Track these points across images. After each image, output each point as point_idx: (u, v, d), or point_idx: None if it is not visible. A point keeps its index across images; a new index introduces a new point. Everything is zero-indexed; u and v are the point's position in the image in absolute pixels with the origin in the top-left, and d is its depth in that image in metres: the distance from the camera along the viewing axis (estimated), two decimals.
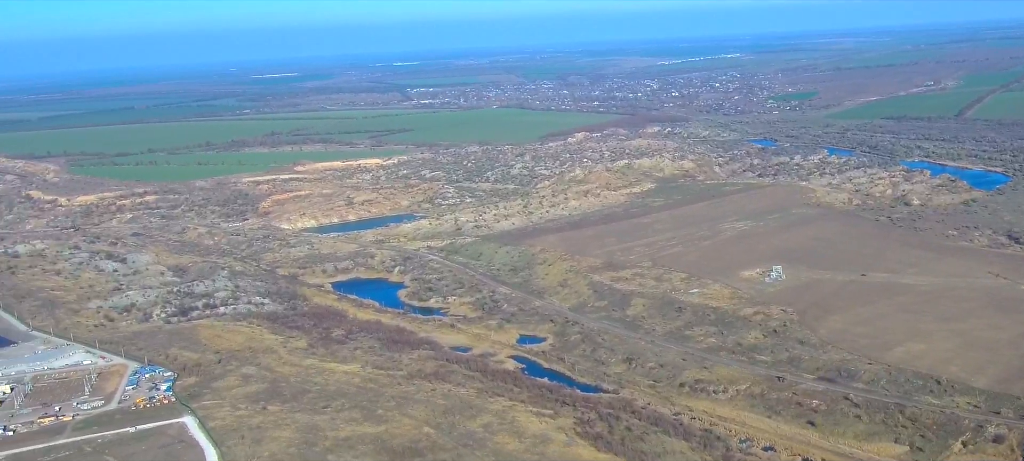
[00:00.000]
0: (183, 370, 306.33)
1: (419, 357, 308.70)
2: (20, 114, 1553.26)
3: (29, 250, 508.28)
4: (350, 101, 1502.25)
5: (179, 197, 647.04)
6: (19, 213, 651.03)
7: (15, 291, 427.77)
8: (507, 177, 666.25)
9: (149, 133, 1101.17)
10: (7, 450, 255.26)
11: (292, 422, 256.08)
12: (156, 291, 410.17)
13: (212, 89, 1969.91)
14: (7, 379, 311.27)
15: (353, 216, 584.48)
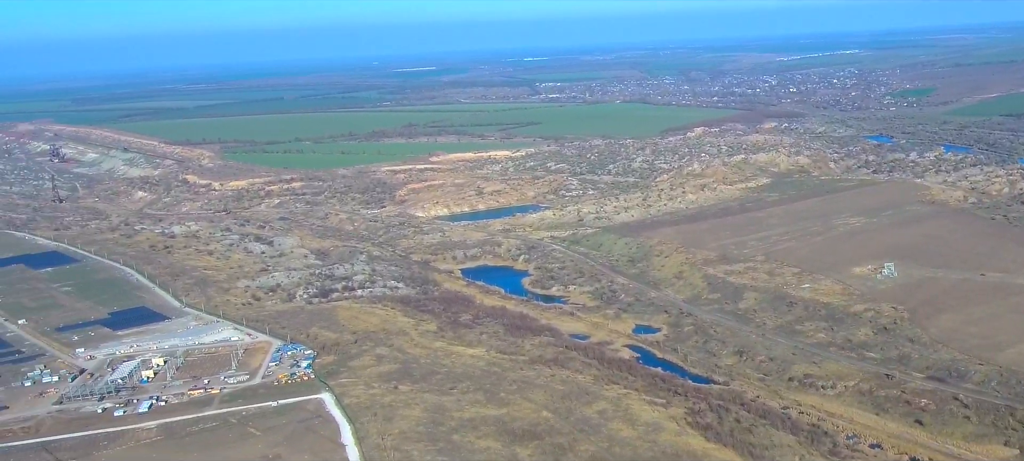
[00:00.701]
0: (322, 349, 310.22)
1: (540, 343, 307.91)
2: (178, 103, 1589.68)
3: (184, 231, 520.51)
4: (483, 95, 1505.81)
5: (323, 184, 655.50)
6: (176, 196, 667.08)
7: (171, 269, 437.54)
8: (628, 170, 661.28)
9: (297, 123, 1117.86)
10: (160, 419, 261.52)
11: (421, 402, 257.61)
12: (299, 273, 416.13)
13: (356, 82, 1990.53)
14: (161, 352, 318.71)
15: (482, 205, 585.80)
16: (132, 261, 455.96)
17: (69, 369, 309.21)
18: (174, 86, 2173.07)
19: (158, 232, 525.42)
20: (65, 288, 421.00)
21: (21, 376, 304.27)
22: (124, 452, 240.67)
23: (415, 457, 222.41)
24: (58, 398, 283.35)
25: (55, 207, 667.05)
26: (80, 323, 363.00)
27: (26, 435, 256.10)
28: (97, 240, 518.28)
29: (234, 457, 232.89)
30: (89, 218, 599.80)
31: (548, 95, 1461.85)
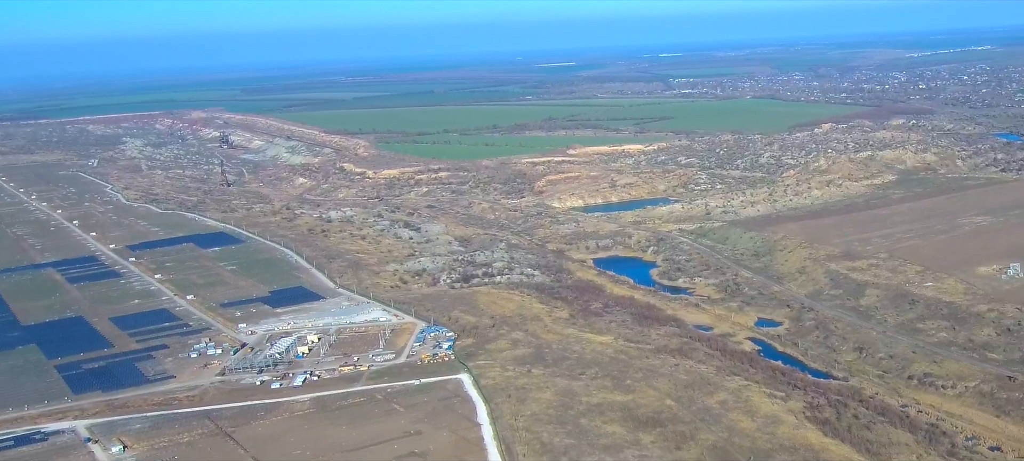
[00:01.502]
0: (462, 331, 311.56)
1: (666, 333, 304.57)
2: (338, 94, 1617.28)
3: (340, 216, 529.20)
4: (619, 90, 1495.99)
5: (468, 174, 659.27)
6: (334, 183, 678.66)
7: (327, 252, 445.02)
8: (755, 165, 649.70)
9: (446, 115, 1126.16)
10: (312, 393, 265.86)
11: (552, 385, 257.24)
12: (444, 258, 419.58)
13: (501, 76, 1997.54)
14: (316, 330, 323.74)
15: (615, 198, 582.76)
16: (292, 243, 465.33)
17: (232, 343, 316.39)
18: (335, 78, 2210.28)
19: (316, 217, 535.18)
20: (230, 267, 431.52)
21: (188, 348, 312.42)
22: (279, 422, 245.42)
23: (545, 439, 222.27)
24: (221, 370, 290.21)
25: (223, 191, 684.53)
26: (243, 300, 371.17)
27: (191, 403, 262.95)
28: (260, 223, 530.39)
29: (379, 431, 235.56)
30: (254, 202, 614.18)
31: (681, 90, 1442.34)
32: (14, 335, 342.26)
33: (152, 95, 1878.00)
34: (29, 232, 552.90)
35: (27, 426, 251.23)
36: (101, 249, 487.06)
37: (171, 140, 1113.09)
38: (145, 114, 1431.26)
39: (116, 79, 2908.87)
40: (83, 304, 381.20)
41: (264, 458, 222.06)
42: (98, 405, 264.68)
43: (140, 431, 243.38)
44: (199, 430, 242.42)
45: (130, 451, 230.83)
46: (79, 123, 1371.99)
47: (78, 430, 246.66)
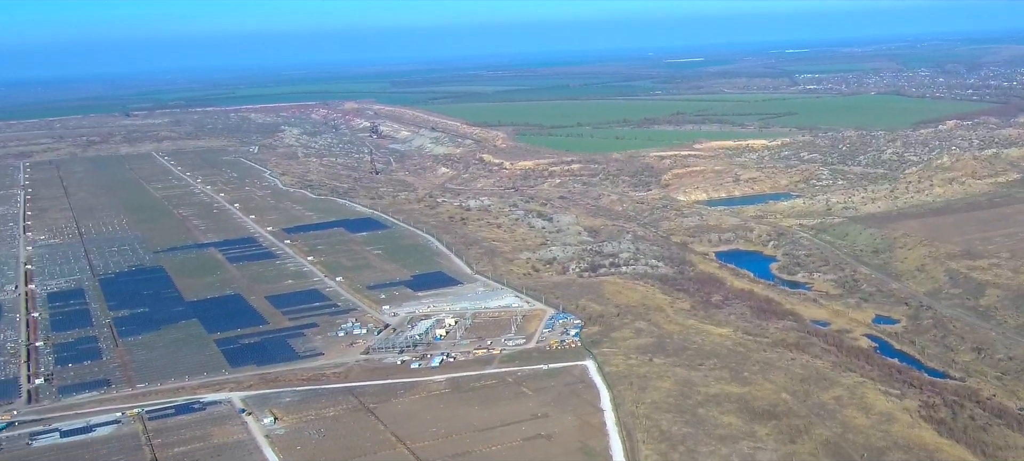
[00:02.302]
0: (589, 319, 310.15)
1: (783, 327, 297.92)
2: (480, 88, 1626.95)
3: (478, 205, 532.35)
4: (745, 85, 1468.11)
5: (598, 167, 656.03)
6: (473, 173, 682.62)
7: (465, 239, 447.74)
8: (877, 162, 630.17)
9: (579, 109, 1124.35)
10: (448, 373, 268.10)
11: (672, 375, 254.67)
12: (573, 248, 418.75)
13: (632, 71, 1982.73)
14: (453, 313, 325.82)
15: (738, 192, 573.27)
16: (433, 230, 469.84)
17: (376, 323, 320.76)
18: (477, 72, 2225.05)
19: (456, 205, 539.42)
20: (376, 251, 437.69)
21: (336, 327, 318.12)
22: (417, 401, 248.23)
23: (664, 427, 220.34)
24: (365, 349, 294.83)
25: (372, 178, 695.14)
26: (387, 283, 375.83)
27: (337, 379, 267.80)
28: (405, 209, 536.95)
29: (509, 412, 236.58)
30: (399, 189, 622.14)
31: (806, 86, 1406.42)
32: (178, 310, 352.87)
33: (309, 86, 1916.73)
34: (194, 213, 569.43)
35: (187, 396, 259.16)
36: (259, 231, 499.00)
37: (325, 129, 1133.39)
38: (302, 104, 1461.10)
39: (277, 70, 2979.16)
40: (241, 282, 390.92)
41: (402, 434, 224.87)
42: (252, 378, 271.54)
43: (290, 404, 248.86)
44: (344, 405, 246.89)
45: (280, 423, 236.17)
46: (242, 111, 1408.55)
47: (233, 401, 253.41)
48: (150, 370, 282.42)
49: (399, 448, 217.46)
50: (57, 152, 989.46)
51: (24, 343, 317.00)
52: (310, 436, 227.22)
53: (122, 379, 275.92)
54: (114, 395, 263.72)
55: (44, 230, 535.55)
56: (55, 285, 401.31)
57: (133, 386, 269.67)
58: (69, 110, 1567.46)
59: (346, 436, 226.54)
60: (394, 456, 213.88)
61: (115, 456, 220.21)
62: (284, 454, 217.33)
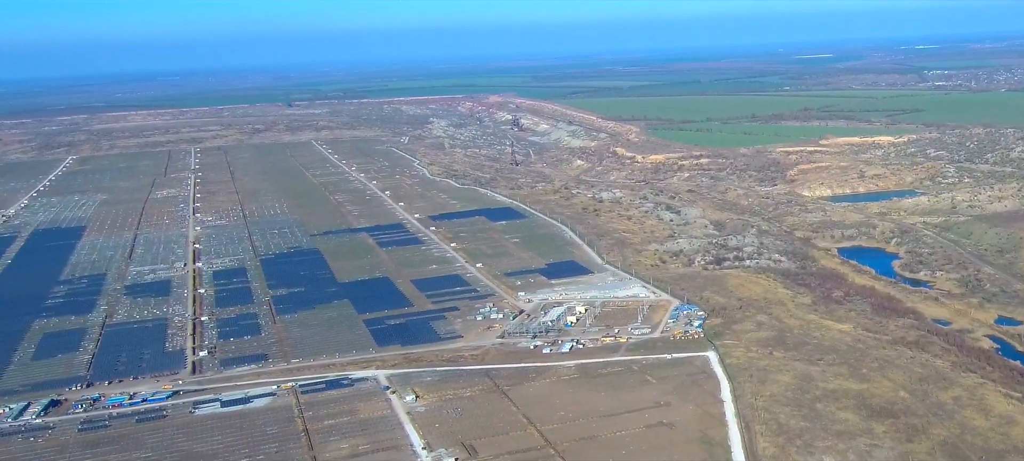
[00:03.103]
0: (712, 311, 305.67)
1: (903, 325, 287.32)
2: (615, 83, 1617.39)
3: (610, 197, 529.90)
4: (873, 81, 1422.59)
5: (725, 161, 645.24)
6: (607, 166, 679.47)
7: (597, 230, 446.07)
8: (1006, 160, 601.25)
9: (709, 104, 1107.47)
10: (577, 359, 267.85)
11: (791, 369, 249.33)
12: (699, 241, 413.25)
13: (762, 67, 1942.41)
14: (583, 301, 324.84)
15: (863, 188, 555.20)
16: (567, 220, 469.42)
17: (511, 309, 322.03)
18: (613, 68, 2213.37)
19: (590, 196, 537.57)
20: (514, 239, 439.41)
21: (475, 311, 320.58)
22: (547, 385, 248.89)
23: (781, 420, 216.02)
24: (501, 333, 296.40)
25: (512, 169, 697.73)
26: (523, 270, 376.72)
27: (474, 361, 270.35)
28: (542, 200, 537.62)
29: (633, 399, 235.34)
30: (537, 181, 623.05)
31: (934, 83, 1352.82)
32: (331, 290, 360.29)
33: (457, 80, 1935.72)
34: (348, 199, 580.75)
35: (337, 372, 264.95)
36: (407, 218, 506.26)
37: (471, 121, 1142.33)
38: (449, 97, 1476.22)
39: (428, 64, 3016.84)
40: (390, 266, 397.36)
41: (533, 416, 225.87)
42: (397, 358, 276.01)
43: (430, 383, 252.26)
44: (480, 386, 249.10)
45: (421, 401, 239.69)
46: (394, 103, 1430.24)
47: (379, 379, 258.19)
48: (304, 346, 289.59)
49: (529, 430, 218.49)
50: (225, 138, 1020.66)
51: (190, 317, 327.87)
52: (448, 414, 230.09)
53: (278, 354, 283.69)
54: (270, 369, 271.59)
55: (211, 212, 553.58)
56: (220, 264, 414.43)
57: (288, 361, 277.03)
58: (237, 99, 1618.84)
59: (481, 416, 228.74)
60: (525, 437, 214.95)
61: (270, 426, 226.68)
62: (424, 431, 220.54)
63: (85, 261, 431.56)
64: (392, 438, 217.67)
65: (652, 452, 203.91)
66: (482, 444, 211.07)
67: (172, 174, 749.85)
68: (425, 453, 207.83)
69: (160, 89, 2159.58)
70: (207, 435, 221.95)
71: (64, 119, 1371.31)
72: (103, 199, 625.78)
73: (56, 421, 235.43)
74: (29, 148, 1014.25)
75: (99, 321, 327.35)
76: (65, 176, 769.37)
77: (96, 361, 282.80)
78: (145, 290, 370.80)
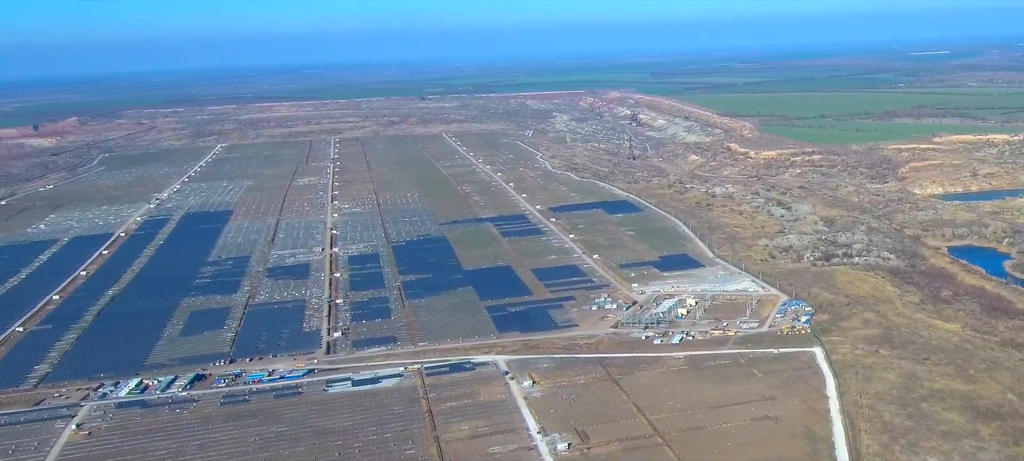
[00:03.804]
0: (819, 307, 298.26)
1: (1014, 326, 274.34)
2: (731, 79, 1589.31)
3: (723, 192, 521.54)
4: (990, 78, 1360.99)
5: (837, 158, 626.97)
6: (720, 161, 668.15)
7: (709, 224, 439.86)
8: None
9: (823, 101, 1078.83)
10: (686, 351, 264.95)
11: (897, 367, 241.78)
12: (809, 237, 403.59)
13: (876, 64, 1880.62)
14: (694, 294, 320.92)
15: (975, 187, 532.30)
16: (681, 214, 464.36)
17: (625, 300, 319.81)
18: (729, 64, 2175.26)
19: (703, 191, 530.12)
20: (629, 232, 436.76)
21: (590, 301, 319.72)
22: (657, 375, 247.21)
23: (886, 418, 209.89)
24: (614, 323, 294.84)
25: (629, 163, 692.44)
26: (637, 262, 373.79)
27: (588, 350, 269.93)
28: (657, 194, 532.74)
29: (739, 392, 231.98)
30: (653, 175, 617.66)
31: None
32: (456, 277, 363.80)
33: (579, 75, 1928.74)
34: (474, 190, 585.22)
35: (460, 356, 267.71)
36: (529, 209, 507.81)
37: (591, 116, 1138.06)
38: (572, 92, 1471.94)
39: (551, 60, 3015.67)
40: (511, 255, 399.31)
41: (642, 405, 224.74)
42: (516, 344, 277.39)
43: (546, 370, 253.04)
44: (593, 374, 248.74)
45: (537, 386, 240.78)
46: (520, 98, 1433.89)
47: (499, 364, 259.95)
48: (430, 330, 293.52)
49: (639, 418, 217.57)
50: (362, 130, 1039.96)
51: (326, 300, 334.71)
52: (562, 400, 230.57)
53: (406, 337, 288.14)
54: (399, 351, 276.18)
55: (348, 199, 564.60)
56: (355, 249, 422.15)
57: (415, 344, 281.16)
58: (374, 92, 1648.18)
59: (593, 403, 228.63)
60: (634, 425, 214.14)
61: (396, 406, 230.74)
62: (539, 415, 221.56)
63: (231, 244, 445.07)
64: (509, 421, 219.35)
65: (756, 445, 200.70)
66: (593, 430, 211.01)
67: (313, 163, 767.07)
68: (540, 437, 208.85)
69: (303, 82, 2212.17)
70: (338, 412, 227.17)
71: (215, 109, 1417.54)
72: (249, 185, 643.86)
73: (200, 394, 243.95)
74: (182, 136, 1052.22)
75: (242, 301, 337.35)
76: (214, 163, 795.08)
77: (238, 339, 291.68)
78: (285, 273, 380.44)
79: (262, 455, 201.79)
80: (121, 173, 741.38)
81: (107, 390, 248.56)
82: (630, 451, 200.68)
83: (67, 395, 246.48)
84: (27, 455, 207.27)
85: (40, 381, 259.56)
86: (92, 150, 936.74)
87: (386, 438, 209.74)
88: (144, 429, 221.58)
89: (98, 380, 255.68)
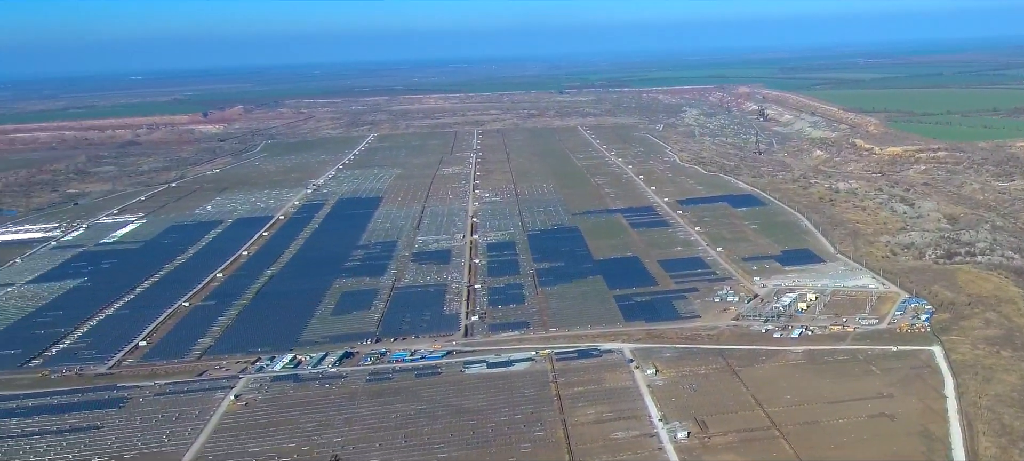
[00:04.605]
0: (939, 306, 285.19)
1: None
2: (858, 75, 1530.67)
3: (846, 188, 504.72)
4: None
5: (963, 155, 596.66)
6: (844, 157, 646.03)
7: (831, 220, 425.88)
8: None
9: (949, 97, 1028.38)
10: (805, 346, 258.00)
11: (1018, 370, 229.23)
12: (931, 235, 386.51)
13: (1006, 60, 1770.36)
14: (814, 289, 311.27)
15: None
16: (804, 209, 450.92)
17: (746, 292, 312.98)
18: (855, 60, 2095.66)
19: (826, 187, 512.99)
20: (753, 226, 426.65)
21: (713, 293, 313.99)
22: (775, 368, 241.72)
23: (1005, 421, 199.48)
24: (736, 315, 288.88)
25: (755, 158, 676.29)
26: (759, 256, 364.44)
27: (709, 341, 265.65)
28: (781, 189, 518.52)
29: (856, 388, 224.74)
30: (778, 170, 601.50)
31: None
32: (587, 266, 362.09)
33: (709, 71, 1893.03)
34: (606, 182, 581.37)
35: (588, 343, 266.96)
36: (657, 201, 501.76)
37: (720, 111, 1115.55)
38: (701, 87, 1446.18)
39: (683, 55, 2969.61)
40: (639, 246, 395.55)
41: (761, 398, 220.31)
42: (641, 333, 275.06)
43: (669, 359, 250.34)
44: (713, 365, 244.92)
45: (660, 375, 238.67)
46: (652, 93, 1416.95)
47: (624, 351, 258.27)
48: (560, 317, 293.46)
49: (756, 411, 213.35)
50: (503, 122, 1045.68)
51: (466, 285, 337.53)
52: (684, 389, 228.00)
53: (538, 323, 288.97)
54: (531, 336, 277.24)
55: (488, 189, 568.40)
56: (493, 237, 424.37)
57: (547, 329, 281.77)
58: (515, 86, 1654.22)
59: (713, 393, 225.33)
60: (752, 417, 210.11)
61: (527, 388, 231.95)
62: (661, 403, 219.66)
63: (380, 229, 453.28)
64: (632, 408, 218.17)
65: (873, 442, 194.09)
66: (712, 420, 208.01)
67: (457, 153, 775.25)
68: (661, 424, 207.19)
69: (449, 75, 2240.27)
70: (474, 393, 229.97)
71: (368, 100, 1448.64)
72: (398, 173, 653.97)
73: (348, 371, 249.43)
74: (338, 125, 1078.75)
75: (389, 284, 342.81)
76: (366, 151, 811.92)
77: (384, 319, 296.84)
78: (429, 258, 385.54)
79: (402, 431, 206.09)
80: (281, 159, 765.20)
81: (263, 364, 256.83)
82: (747, 442, 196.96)
83: (227, 368, 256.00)
84: (190, 422, 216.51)
85: (203, 353, 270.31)
86: (255, 137, 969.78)
87: (517, 419, 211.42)
88: (296, 402, 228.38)
89: (255, 354, 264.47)
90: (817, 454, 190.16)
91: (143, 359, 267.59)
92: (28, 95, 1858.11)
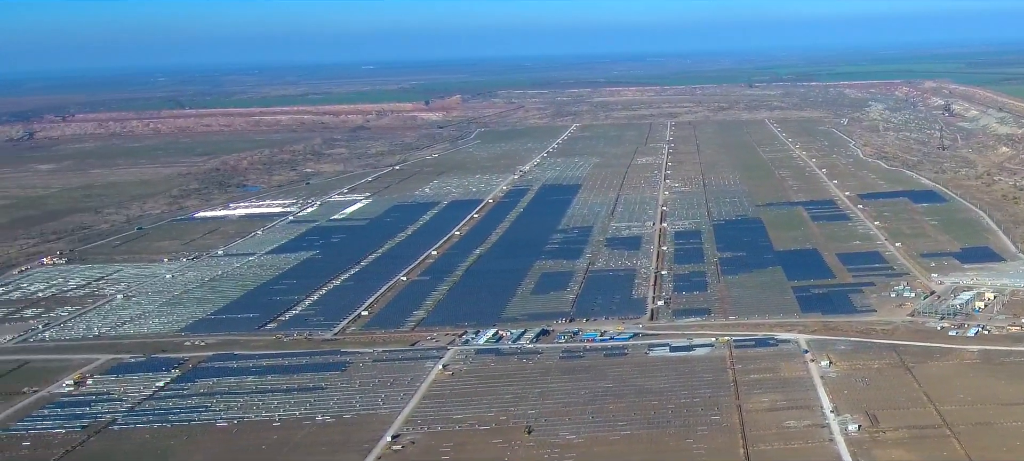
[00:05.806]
0: None
1: None
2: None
3: None
4: None
5: None
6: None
7: (1015, 218, 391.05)
8: None
9: None
10: (981, 345, 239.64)
11: None
12: None
13: None
14: (993, 288, 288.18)
15: None
16: (986, 207, 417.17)
17: (923, 289, 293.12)
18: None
19: (1011, 184, 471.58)
20: (933, 222, 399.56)
21: (889, 288, 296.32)
22: (949, 366, 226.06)
23: None
24: (911, 311, 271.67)
25: (938, 154, 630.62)
26: (937, 253, 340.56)
27: (883, 336, 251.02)
28: (963, 185, 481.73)
29: None
30: (960, 166, 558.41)
31: None
32: (767, 257, 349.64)
33: (895, 65, 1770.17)
34: (789, 175, 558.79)
35: (765, 332, 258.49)
36: (838, 195, 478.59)
37: (905, 106, 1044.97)
38: (887, 82, 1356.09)
39: (871, 49, 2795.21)
40: (818, 239, 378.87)
41: (933, 395, 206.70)
42: (816, 324, 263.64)
43: (843, 352, 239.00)
44: (886, 360, 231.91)
45: (833, 368, 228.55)
46: (838, 87, 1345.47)
47: (799, 342, 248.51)
48: (740, 306, 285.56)
49: (928, 408, 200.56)
50: (694, 114, 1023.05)
51: (653, 270, 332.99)
52: (856, 383, 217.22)
53: (719, 310, 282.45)
54: (711, 323, 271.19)
55: (678, 179, 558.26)
56: (681, 225, 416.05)
57: (726, 317, 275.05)
58: (707, 79, 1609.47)
59: (885, 388, 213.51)
60: (923, 414, 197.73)
61: (706, 373, 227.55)
62: (833, 395, 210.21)
63: (578, 215, 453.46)
64: (805, 398, 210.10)
65: None
66: (883, 415, 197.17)
67: (650, 144, 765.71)
68: (832, 416, 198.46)
69: (647, 69, 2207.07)
70: (656, 374, 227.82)
71: (572, 92, 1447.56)
72: (596, 162, 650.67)
73: (544, 348, 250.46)
74: (544, 115, 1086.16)
75: (584, 267, 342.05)
76: (569, 140, 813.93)
77: (578, 301, 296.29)
78: (620, 243, 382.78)
79: (590, 407, 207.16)
80: (492, 146, 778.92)
81: (469, 337, 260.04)
82: (918, 439, 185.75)
83: (437, 339, 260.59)
84: (402, 388, 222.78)
85: (416, 325, 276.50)
86: (470, 125, 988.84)
87: (695, 403, 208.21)
88: (496, 374, 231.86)
89: (462, 328, 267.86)
90: (989, 455, 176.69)
91: (364, 327, 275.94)
92: (273, 80, 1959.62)
